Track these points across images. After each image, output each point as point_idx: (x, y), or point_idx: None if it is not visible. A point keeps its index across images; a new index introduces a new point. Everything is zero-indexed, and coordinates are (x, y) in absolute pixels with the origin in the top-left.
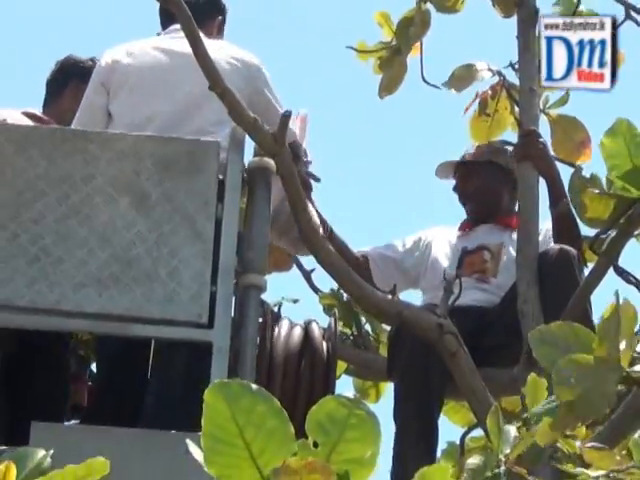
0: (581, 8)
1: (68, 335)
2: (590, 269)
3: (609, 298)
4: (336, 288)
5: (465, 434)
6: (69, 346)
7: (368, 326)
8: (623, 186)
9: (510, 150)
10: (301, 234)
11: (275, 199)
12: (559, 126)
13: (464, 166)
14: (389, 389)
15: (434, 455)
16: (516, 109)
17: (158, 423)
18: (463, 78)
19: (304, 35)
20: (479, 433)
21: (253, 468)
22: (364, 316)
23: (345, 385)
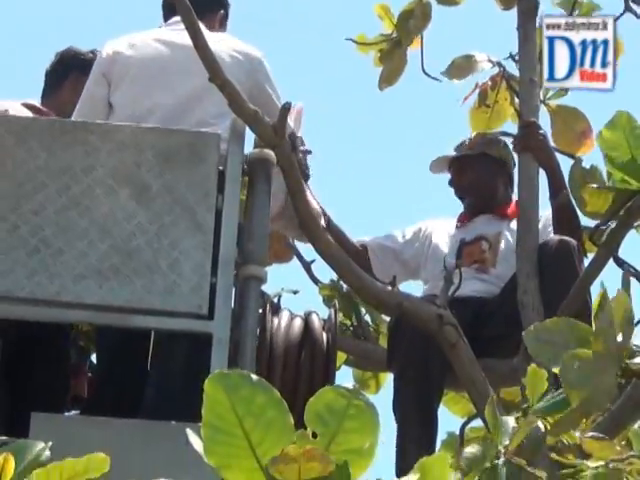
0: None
1: (68, 326)
2: (590, 260)
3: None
4: (336, 279)
5: (465, 424)
6: (69, 337)
7: (368, 317)
8: (622, 178)
9: (503, 139)
10: (301, 225)
11: (284, 190)
12: (559, 117)
13: (458, 160)
14: (389, 380)
15: (434, 445)
16: (516, 100)
17: (158, 415)
18: (462, 68)
19: (305, 28)
20: (479, 424)
21: (252, 458)
22: (364, 307)
23: (345, 376)
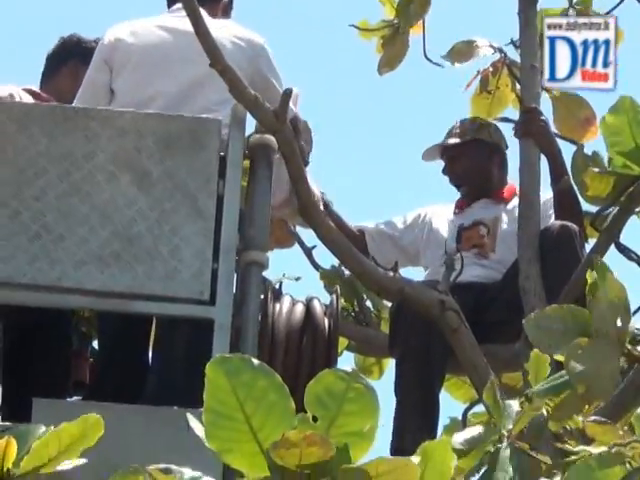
0: None
1: (70, 312)
2: (591, 246)
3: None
4: (337, 265)
5: (467, 410)
6: (71, 323)
7: (369, 303)
8: (624, 163)
9: (493, 123)
10: (302, 211)
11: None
12: (561, 103)
13: (450, 148)
14: (391, 366)
15: (435, 430)
16: (517, 86)
17: (160, 401)
18: (463, 52)
19: (307, 14)
20: (481, 409)
21: (253, 442)
22: (365, 293)
23: (346, 361)
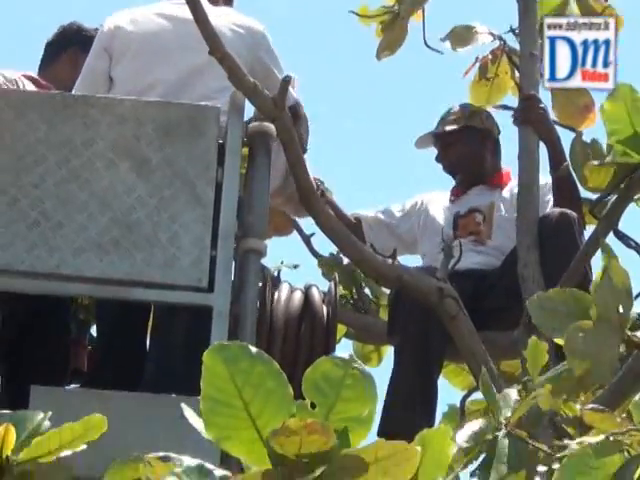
0: None
1: (69, 300)
2: (590, 233)
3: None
4: (336, 252)
5: (465, 397)
6: (70, 311)
7: (368, 290)
8: (624, 151)
9: (485, 110)
10: (301, 198)
11: (284, 166)
12: (560, 91)
13: (442, 136)
14: (390, 353)
15: (434, 417)
16: (516, 74)
17: (158, 389)
18: (462, 37)
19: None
20: (479, 396)
21: (252, 429)
22: (364, 280)
23: (345, 349)
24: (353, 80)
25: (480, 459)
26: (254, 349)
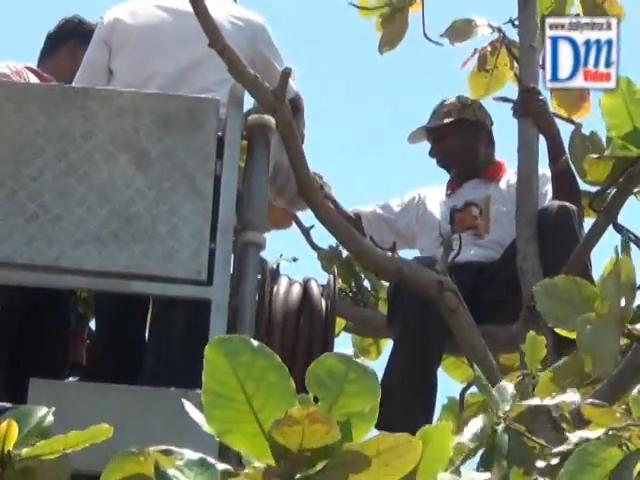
0: None
1: (68, 292)
2: (590, 226)
3: (608, 255)
4: (335, 245)
5: (465, 390)
6: (69, 304)
7: (367, 283)
8: (623, 145)
9: (478, 101)
10: (300, 191)
11: (272, 158)
12: None
13: (435, 130)
14: (389, 346)
15: (433, 410)
16: (516, 66)
17: (158, 382)
18: (461, 31)
19: None
20: None
21: (254, 423)
22: (363, 273)
23: (344, 342)
24: (353, 72)
25: (479, 453)
26: (256, 342)
